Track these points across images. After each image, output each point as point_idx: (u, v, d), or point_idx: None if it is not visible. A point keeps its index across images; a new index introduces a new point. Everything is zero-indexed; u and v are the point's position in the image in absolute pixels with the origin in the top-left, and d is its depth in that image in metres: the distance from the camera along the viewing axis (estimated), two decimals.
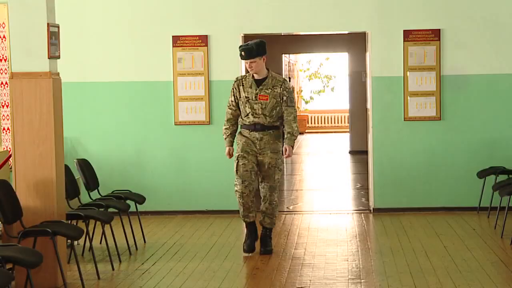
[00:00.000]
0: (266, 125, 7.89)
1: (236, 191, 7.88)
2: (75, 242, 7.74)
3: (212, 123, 10.40)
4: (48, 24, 6.91)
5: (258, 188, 8.02)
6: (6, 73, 10.31)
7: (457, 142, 10.30)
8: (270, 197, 7.97)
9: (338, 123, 25.62)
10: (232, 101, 8.00)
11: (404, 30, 10.24)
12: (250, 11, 10.40)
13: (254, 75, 7.93)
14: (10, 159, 8.92)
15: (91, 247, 7.49)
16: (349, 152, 18.35)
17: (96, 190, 8.57)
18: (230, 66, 10.37)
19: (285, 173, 15.37)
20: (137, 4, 10.43)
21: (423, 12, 10.28)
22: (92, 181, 8.55)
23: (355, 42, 16.78)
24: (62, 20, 7.63)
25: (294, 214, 10.55)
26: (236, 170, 7.84)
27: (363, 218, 10.10)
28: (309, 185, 13.71)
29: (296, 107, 8.17)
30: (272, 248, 8.06)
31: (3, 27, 10.31)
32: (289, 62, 20.98)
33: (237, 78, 8.07)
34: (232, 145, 8.02)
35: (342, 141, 20.70)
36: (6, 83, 10.30)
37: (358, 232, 9.23)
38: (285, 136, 7.95)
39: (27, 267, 5.81)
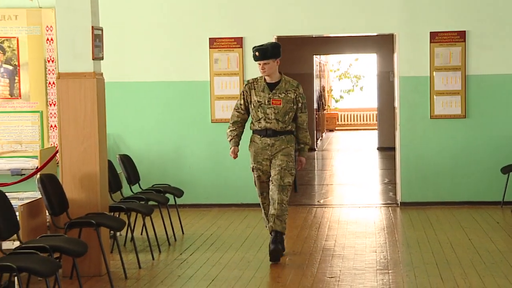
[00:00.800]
0: (278, 131, 7.28)
1: (259, 202, 7.54)
2: (118, 233, 7.79)
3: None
4: (92, 27, 6.96)
5: None
6: (53, 74, 10.40)
7: (481, 139, 10.23)
8: (279, 198, 7.21)
9: (366, 121, 25.53)
10: (241, 104, 7.43)
11: (430, 32, 10.19)
12: (283, 14, 10.40)
13: (266, 78, 7.30)
14: (57, 154, 9.01)
15: (132, 238, 7.55)
16: (377, 149, 18.27)
17: (137, 184, 8.63)
18: None
19: (315, 169, 15.37)
20: (176, 7, 10.47)
21: (449, 14, 10.22)
22: (133, 176, 8.60)
23: (383, 44, 16.71)
24: (106, 23, 7.69)
25: (325, 207, 10.54)
26: (254, 182, 7.46)
27: (391, 212, 10.06)
28: (339, 180, 13.68)
29: (307, 113, 7.51)
30: (282, 254, 7.36)
31: (51, 30, 10.40)
32: (320, 62, 20.92)
33: (248, 81, 7.46)
34: (237, 145, 7.51)
35: (371, 138, 20.60)
36: (53, 83, 10.39)
37: (386, 225, 9.20)
38: (299, 146, 7.46)
39: (73, 256, 5.87)
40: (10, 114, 10.56)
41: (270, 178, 7.31)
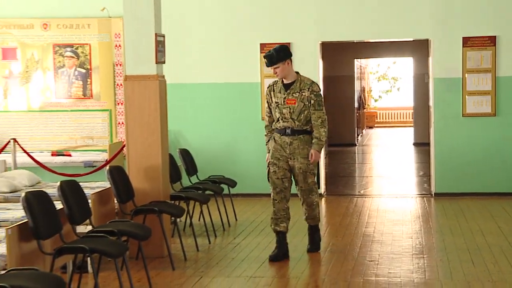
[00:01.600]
0: (296, 129, 6.77)
1: (271, 198, 6.93)
2: (178, 219, 7.85)
3: None
4: (156, 34, 7.02)
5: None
6: (121, 76, 10.51)
7: (510, 135, 10.09)
8: (307, 200, 6.90)
9: (403, 118, 25.33)
10: (267, 107, 6.99)
11: (463, 37, 10.07)
12: (326, 22, 10.36)
13: (283, 79, 6.84)
14: (124, 148, 9.12)
15: (191, 224, 7.59)
16: (413, 144, 18.10)
17: (195, 175, 8.67)
18: (310, 70, 10.31)
19: (356, 162, 15.30)
20: (230, 16, 10.50)
21: (480, 20, 10.09)
22: (191, 168, 8.65)
23: (419, 48, 16.53)
24: (167, 30, 7.74)
25: (365, 197, 10.47)
26: (268, 178, 6.90)
27: (425, 202, 9.96)
28: (378, 173, 13.58)
29: (323, 110, 6.85)
30: (319, 246, 7.13)
31: (119, 38, 10.50)
32: (360, 66, 20.79)
33: (269, 85, 7.00)
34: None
35: (407, 135, 20.41)
36: (121, 84, 10.49)
37: (421, 214, 9.11)
38: (313, 140, 6.81)
39: (139, 239, 5.92)
40: (83, 113, 10.70)
41: (295, 181, 6.86)
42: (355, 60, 18.71)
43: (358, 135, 19.42)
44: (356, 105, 18.95)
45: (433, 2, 10.18)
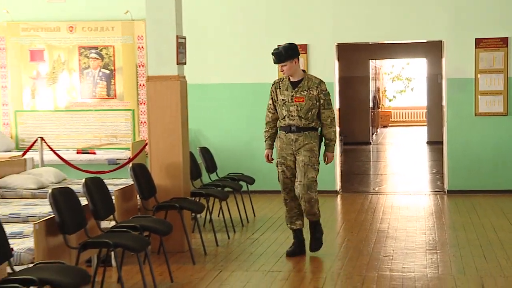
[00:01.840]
0: (301, 127, 6.59)
1: (282, 198, 6.83)
2: (198, 215, 7.85)
3: None
4: (177, 36, 7.03)
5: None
6: (143, 77, 10.54)
7: None
8: (305, 196, 6.55)
9: (416, 118, 25.21)
10: (270, 104, 6.75)
11: (475, 39, 10.01)
12: (342, 24, 10.33)
13: (290, 77, 6.65)
14: (146, 147, 9.14)
15: (211, 220, 7.60)
16: (426, 143, 18.01)
17: (214, 172, 8.68)
18: (326, 70, 10.33)
19: (371, 160, 15.24)
20: (248, 19, 10.50)
21: (493, 22, 10.03)
22: (211, 165, 8.66)
23: (432, 49, 16.44)
24: (188, 32, 7.76)
25: (379, 194, 10.44)
26: (278, 178, 6.80)
27: (439, 199, 9.91)
28: (392, 170, 13.53)
29: (332, 109, 6.70)
30: (321, 241, 6.81)
31: (141, 40, 10.54)
32: (375, 66, 20.72)
33: (274, 81, 6.80)
34: (271, 148, 6.90)
35: (420, 133, 20.32)
36: (143, 85, 10.53)
37: (434, 210, 9.07)
38: (325, 142, 6.69)
39: (160, 234, 5.93)
40: (107, 112, 10.74)
41: (296, 175, 6.63)
42: (370, 61, 18.65)
43: (372, 134, 19.35)
44: (371, 104, 18.89)
45: (446, 5, 10.12)
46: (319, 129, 6.73)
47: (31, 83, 10.83)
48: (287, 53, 6.58)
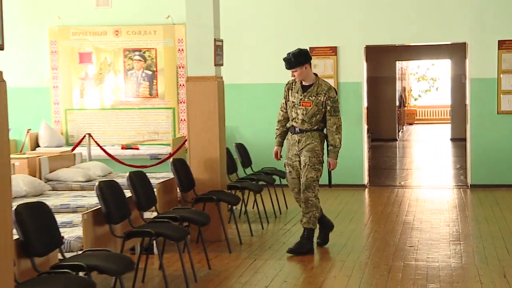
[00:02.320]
0: (304, 129, 6.38)
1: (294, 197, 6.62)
2: (234, 207, 7.86)
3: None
4: (215, 39, 7.03)
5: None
6: (183, 77, 10.57)
7: None
8: (304, 196, 6.36)
9: (441, 116, 24.93)
10: (283, 103, 6.60)
11: (498, 40, 9.86)
12: (370, 27, 10.26)
13: (302, 81, 6.46)
14: (186, 143, 9.18)
15: (246, 211, 7.61)
16: (450, 139, 17.80)
17: (249, 167, 8.67)
18: (354, 71, 10.28)
19: (397, 156, 15.11)
20: (282, 22, 10.47)
21: None
22: (246, 160, 8.66)
23: (456, 51, 16.24)
24: (225, 35, 7.76)
25: (405, 188, 10.34)
26: (286, 178, 6.61)
27: (462, 193, 9.78)
28: (417, 165, 13.40)
29: (339, 115, 6.36)
30: (304, 251, 6.32)
31: (181, 42, 10.57)
32: (401, 67, 20.54)
33: (288, 82, 6.60)
34: (280, 146, 6.67)
35: (444, 131, 20.09)
36: (183, 85, 10.56)
37: (457, 203, 8.95)
38: (328, 148, 6.41)
39: (199, 225, 5.95)
40: (149, 110, 10.81)
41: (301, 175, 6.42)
42: (397, 62, 18.49)
43: (399, 131, 19.20)
44: (397, 103, 18.74)
45: (470, 8, 9.97)
46: (324, 130, 6.47)
47: (80, 83, 10.93)
48: (296, 60, 6.36)
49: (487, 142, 10.00)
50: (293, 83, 6.54)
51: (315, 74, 6.51)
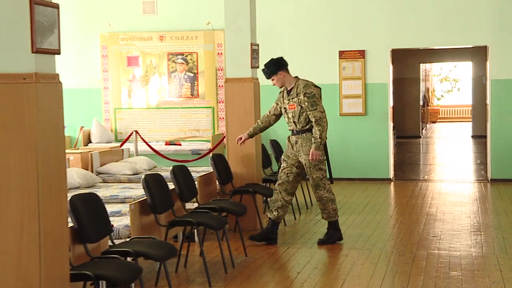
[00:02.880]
0: (299, 130, 6.23)
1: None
2: (269, 199, 7.85)
3: (367, 114, 10.24)
4: (251, 44, 7.04)
5: (294, 192, 6.44)
6: (222, 79, 10.59)
7: None
8: (316, 194, 6.30)
9: (462, 114, 24.58)
10: (273, 106, 6.46)
11: None
12: (396, 31, 10.15)
13: (286, 87, 6.33)
14: (224, 139, 9.19)
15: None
16: (471, 136, 17.54)
17: None
18: (381, 73, 10.19)
19: (421, 151, 14.93)
20: (313, 27, 10.42)
21: None
22: (280, 156, 8.59)
23: (477, 53, 15.99)
24: (261, 39, 7.76)
25: (428, 182, 10.22)
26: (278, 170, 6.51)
27: (482, 186, 9.63)
28: (440, 161, 13.23)
29: (319, 108, 6.12)
30: (333, 241, 6.29)
31: (220, 47, 10.59)
32: (425, 69, 20.29)
33: (281, 90, 6.40)
34: (248, 135, 6.52)
35: (466, 128, 19.80)
36: (222, 85, 10.59)
37: (478, 196, 8.81)
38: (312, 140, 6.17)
39: (236, 215, 5.95)
40: (190, 109, 10.86)
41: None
42: (421, 64, 18.27)
43: (422, 128, 18.98)
44: (421, 103, 18.52)
45: (491, 12, 9.80)
46: None
47: (128, 84, 11.03)
48: (269, 70, 6.27)
49: (506, 139, 9.82)
50: (283, 91, 6.36)
51: (296, 77, 6.35)
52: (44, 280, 3.37)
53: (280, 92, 6.42)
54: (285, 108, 6.31)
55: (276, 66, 6.28)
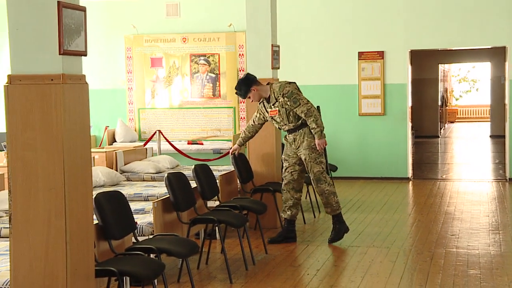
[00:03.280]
0: (294, 128, 6.16)
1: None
2: None
3: (386, 114, 10.18)
4: (272, 45, 7.03)
5: (301, 188, 6.40)
6: None
7: None
8: (317, 188, 6.22)
9: (480, 114, 24.33)
10: (255, 116, 6.39)
11: None
12: (415, 33, 10.07)
13: (263, 97, 6.22)
14: None
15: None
16: (489, 136, 17.35)
17: None
18: (399, 74, 10.12)
19: (439, 151, 14.80)
20: (332, 28, 10.38)
21: None
22: None
23: (496, 54, 15.80)
24: (282, 41, 7.74)
25: (446, 181, 10.13)
26: (281, 171, 6.44)
27: (501, 185, 9.51)
28: (458, 160, 13.10)
29: (303, 101, 6.04)
30: (341, 236, 6.25)
31: (242, 48, 10.59)
32: (443, 69, 20.11)
33: (261, 101, 6.26)
34: (239, 145, 6.54)
35: (484, 128, 19.59)
36: None
37: (496, 196, 8.71)
38: (312, 132, 6.11)
39: (257, 213, 5.96)
40: (212, 109, 10.88)
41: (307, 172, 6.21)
42: (439, 65, 18.12)
43: (441, 128, 18.82)
44: (439, 103, 18.37)
45: (510, 13, 9.68)
46: None
47: (151, 85, 11.08)
48: (242, 91, 6.16)
49: None
50: (263, 101, 6.24)
51: (268, 83, 6.24)
52: (70, 275, 3.40)
53: (260, 103, 6.29)
54: (270, 116, 6.22)
55: (246, 84, 6.15)
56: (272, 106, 6.17)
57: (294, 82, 6.26)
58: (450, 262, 5.54)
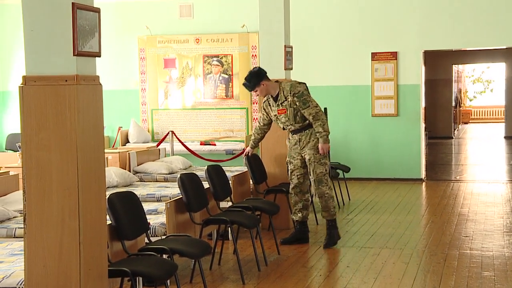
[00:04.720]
0: (299, 128, 6.13)
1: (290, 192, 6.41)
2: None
3: (399, 115, 10.14)
4: (285, 46, 7.02)
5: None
6: None
7: None
8: (318, 190, 6.12)
9: (495, 115, 24.17)
10: (260, 117, 6.36)
11: None
12: (428, 33, 10.02)
13: (271, 94, 6.18)
14: None
15: (312, 202, 7.53)
16: (504, 137, 17.23)
17: None
18: (413, 74, 10.08)
19: (453, 152, 14.71)
20: (345, 29, 10.36)
21: None
22: None
23: (511, 54, 15.69)
24: (295, 42, 7.73)
25: (460, 182, 10.06)
26: (288, 175, 6.36)
27: None
28: (472, 161, 13.02)
29: (312, 104, 6.03)
30: (335, 241, 6.17)
31: (255, 49, 10.59)
32: (457, 70, 19.99)
33: (265, 100, 6.26)
34: (252, 148, 6.49)
35: (498, 129, 19.45)
36: None
37: (511, 197, 8.64)
38: (317, 135, 6.09)
39: (269, 214, 5.94)
40: (225, 110, 10.89)
41: (308, 172, 6.18)
42: (453, 65, 18.02)
43: (454, 129, 18.71)
44: (453, 104, 18.27)
45: None
46: None
47: (165, 86, 11.12)
48: (251, 83, 6.09)
49: None
50: (268, 99, 6.22)
51: (277, 81, 6.22)
52: (84, 275, 3.42)
53: (264, 102, 6.27)
54: (275, 115, 6.18)
55: (257, 78, 6.10)
56: (281, 105, 6.13)
57: (304, 83, 6.23)
58: (464, 264, 5.50)
